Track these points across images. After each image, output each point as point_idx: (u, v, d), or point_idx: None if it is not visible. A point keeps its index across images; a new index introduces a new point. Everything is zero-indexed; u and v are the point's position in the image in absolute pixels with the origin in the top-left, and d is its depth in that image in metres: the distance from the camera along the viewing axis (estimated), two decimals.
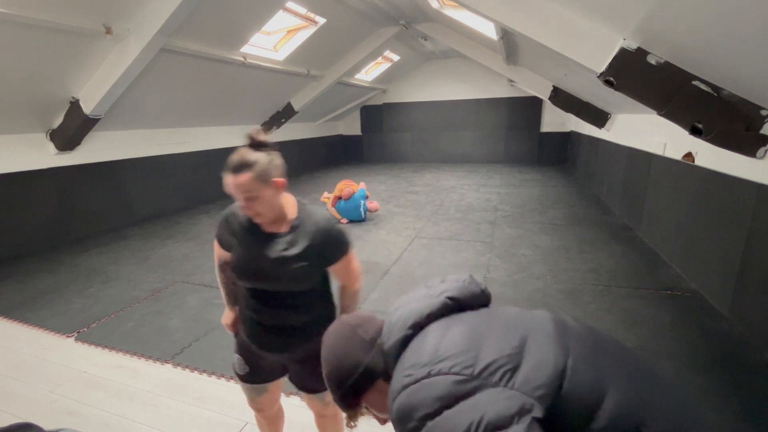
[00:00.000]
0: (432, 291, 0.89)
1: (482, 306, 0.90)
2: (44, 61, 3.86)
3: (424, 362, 0.74)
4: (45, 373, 2.46)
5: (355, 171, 10.66)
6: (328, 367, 0.89)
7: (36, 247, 4.70)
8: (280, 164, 1.26)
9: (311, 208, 1.35)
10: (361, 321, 0.93)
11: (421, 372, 0.73)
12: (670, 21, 2.20)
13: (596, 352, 0.74)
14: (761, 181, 2.58)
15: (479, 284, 0.92)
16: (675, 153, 3.88)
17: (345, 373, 0.86)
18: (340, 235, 1.34)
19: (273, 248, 1.29)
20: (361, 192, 5.56)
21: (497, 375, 0.69)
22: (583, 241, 4.52)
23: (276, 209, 1.27)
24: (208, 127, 7.23)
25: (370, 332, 0.89)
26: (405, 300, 0.91)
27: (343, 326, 0.93)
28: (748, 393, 2.12)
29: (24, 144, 4.58)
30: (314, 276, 1.33)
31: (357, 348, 0.87)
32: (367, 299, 3.29)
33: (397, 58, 9.97)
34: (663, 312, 2.96)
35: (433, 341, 0.77)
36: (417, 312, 0.84)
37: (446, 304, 0.85)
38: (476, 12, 3.30)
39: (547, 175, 9.23)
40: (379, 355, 0.86)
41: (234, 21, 4.98)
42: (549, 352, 0.71)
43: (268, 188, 1.21)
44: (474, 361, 0.71)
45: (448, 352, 0.73)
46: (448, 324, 0.81)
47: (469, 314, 0.85)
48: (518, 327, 0.78)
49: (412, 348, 0.80)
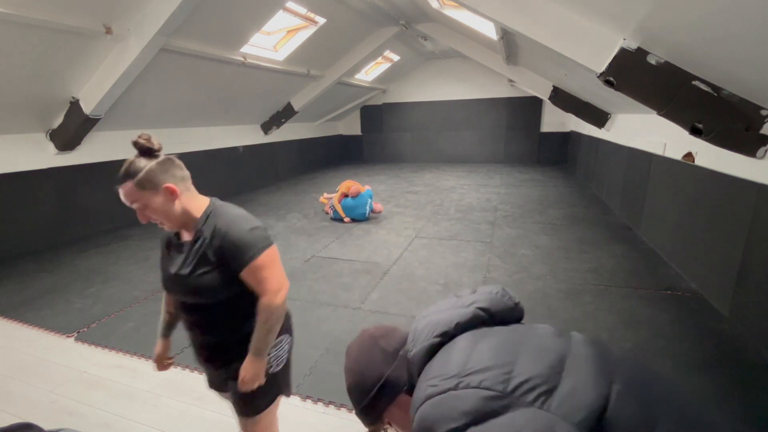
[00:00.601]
0: (462, 301, 0.86)
1: (515, 321, 0.86)
2: (44, 61, 3.86)
3: (451, 373, 0.70)
4: (45, 373, 2.46)
5: (355, 171, 10.66)
6: (350, 380, 0.86)
7: (36, 247, 4.70)
8: (174, 169, 1.17)
9: (219, 210, 1.24)
10: (384, 332, 0.90)
11: (447, 383, 0.69)
12: (670, 21, 2.20)
13: (644, 383, 0.68)
14: (761, 181, 2.58)
15: (512, 297, 0.87)
16: (675, 153, 3.88)
17: (366, 386, 0.83)
18: (243, 236, 1.19)
19: (177, 258, 1.24)
20: (369, 192, 5.64)
21: (532, 394, 0.64)
22: (583, 241, 4.52)
23: (174, 217, 1.19)
24: (208, 127, 7.23)
25: (393, 344, 0.86)
26: (433, 309, 0.88)
27: (365, 337, 0.90)
28: (748, 393, 2.12)
29: (24, 144, 4.58)
30: (220, 287, 1.20)
31: (379, 360, 0.84)
32: (367, 299, 3.29)
33: (397, 58, 9.97)
34: (663, 312, 2.96)
35: (463, 352, 0.73)
36: (446, 321, 0.81)
37: (477, 315, 0.81)
38: (476, 12, 3.30)
39: (547, 175, 9.23)
40: (402, 368, 0.82)
41: (234, 21, 4.98)
42: (590, 376, 0.66)
43: (156, 196, 1.13)
44: (507, 377, 0.66)
45: (478, 364, 0.69)
46: (478, 336, 0.77)
47: (501, 328, 0.81)
48: (555, 346, 0.73)
49: (439, 357, 0.76)
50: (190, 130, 6.86)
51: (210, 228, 1.20)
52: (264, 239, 1.23)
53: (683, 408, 0.65)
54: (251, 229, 1.21)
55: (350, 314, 3.07)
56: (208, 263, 1.19)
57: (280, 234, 5.15)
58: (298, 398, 2.17)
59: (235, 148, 7.94)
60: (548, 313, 2.99)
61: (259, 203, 6.99)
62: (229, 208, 1.26)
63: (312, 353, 2.55)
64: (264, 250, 1.21)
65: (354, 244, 4.69)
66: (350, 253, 4.37)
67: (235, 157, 7.95)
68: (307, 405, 2.14)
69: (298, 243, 4.76)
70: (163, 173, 1.14)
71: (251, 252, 1.19)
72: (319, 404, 2.13)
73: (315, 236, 5.01)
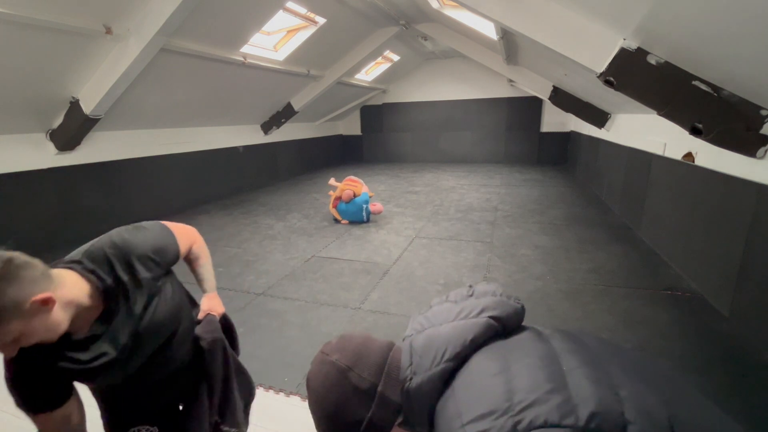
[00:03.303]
0: (466, 308, 0.71)
1: (518, 325, 0.73)
2: (44, 61, 3.86)
3: (499, 408, 0.54)
4: None
5: (355, 171, 10.65)
6: (321, 427, 0.71)
7: (36, 247, 4.68)
8: (23, 272, 0.79)
9: (92, 253, 1.00)
10: (352, 359, 0.70)
11: (500, 426, 0.53)
12: (670, 21, 2.20)
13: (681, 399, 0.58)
14: (761, 181, 2.58)
15: (513, 297, 0.74)
16: (675, 153, 3.88)
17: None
18: (143, 241, 1.07)
19: (98, 347, 0.98)
20: (364, 196, 5.49)
21: (608, 424, 0.51)
22: (583, 241, 4.52)
23: (58, 325, 0.86)
24: (208, 127, 7.23)
25: (366, 377, 0.68)
26: (426, 320, 0.72)
27: (330, 370, 0.70)
28: (748, 393, 2.12)
29: (24, 144, 4.58)
30: (178, 298, 1.18)
31: (353, 402, 0.67)
32: (367, 299, 3.29)
33: (397, 58, 9.97)
34: (663, 312, 2.96)
35: (497, 379, 0.58)
36: (456, 338, 0.65)
37: (491, 325, 0.67)
38: (476, 12, 3.30)
39: (547, 175, 9.23)
40: (385, 406, 0.67)
41: (234, 21, 4.98)
42: (654, 405, 0.54)
43: (24, 320, 0.79)
44: (571, 406, 0.52)
45: (529, 394, 0.54)
46: (499, 353, 0.63)
47: (517, 340, 0.67)
48: (596, 358, 0.62)
49: (462, 387, 0.61)
50: (190, 130, 6.86)
51: (109, 270, 0.97)
52: (150, 224, 1.13)
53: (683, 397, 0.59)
54: (133, 229, 1.07)
55: (350, 314, 3.07)
56: (152, 288, 1.01)
57: (280, 234, 5.15)
58: (299, 398, 2.17)
59: (236, 148, 7.95)
60: (548, 314, 2.99)
61: (259, 203, 6.99)
62: (93, 243, 1.04)
63: (312, 353, 2.54)
64: (160, 227, 1.14)
65: (354, 244, 4.69)
66: (350, 253, 4.37)
67: (236, 157, 7.96)
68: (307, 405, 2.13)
69: (298, 243, 4.76)
70: (17, 286, 0.77)
71: (162, 241, 1.09)
72: None
73: (315, 236, 5.01)
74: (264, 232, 5.28)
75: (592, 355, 0.63)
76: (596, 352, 0.64)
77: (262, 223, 5.72)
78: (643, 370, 0.62)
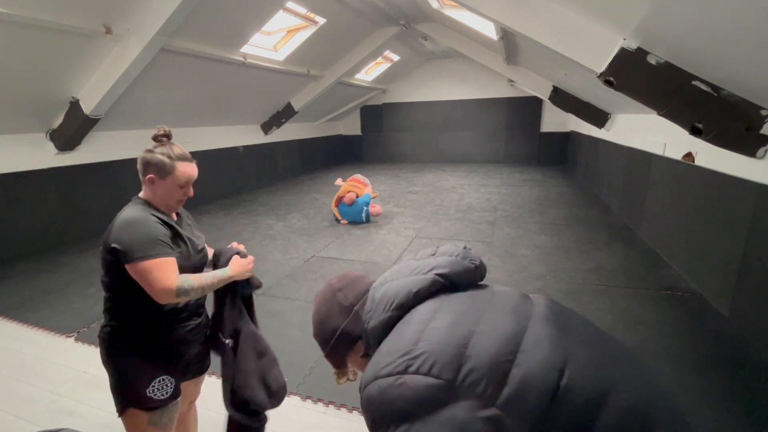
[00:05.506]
0: (421, 265, 0.83)
1: (476, 283, 0.85)
2: (44, 61, 3.86)
3: (402, 350, 0.68)
4: (45, 373, 2.46)
5: (355, 171, 10.61)
6: (314, 328, 0.93)
7: (36, 247, 4.70)
8: None
9: None
10: (345, 283, 0.93)
11: (397, 364, 0.67)
12: (670, 21, 2.20)
13: (600, 364, 0.67)
14: (761, 181, 2.58)
15: (474, 258, 0.85)
16: (675, 153, 3.88)
17: (326, 336, 0.89)
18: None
19: (190, 232, 1.51)
20: (366, 197, 5.55)
21: (480, 386, 0.61)
22: (583, 241, 4.52)
23: None
24: (208, 127, 7.23)
25: (350, 297, 0.89)
26: (391, 274, 0.86)
27: (327, 288, 0.94)
28: (748, 393, 2.12)
29: (24, 144, 4.58)
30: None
31: (336, 313, 0.89)
32: None
33: (397, 58, 9.98)
34: (663, 312, 2.96)
35: (416, 327, 0.71)
36: (404, 291, 0.78)
37: (436, 281, 0.79)
38: (476, 12, 3.30)
39: (547, 175, 9.23)
40: (356, 322, 0.86)
41: (234, 21, 4.98)
42: (546, 357, 0.64)
43: None
44: (458, 363, 0.64)
45: (430, 345, 0.67)
46: (435, 307, 0.75)
47: (460, 296, 0.79)
48: (513, 322, 0.71)
49: (396, 331, 0.74)
50: (190, 130, 6.86)
51: None
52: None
53: (637, 381, 0.66)
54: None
55: None
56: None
57: (280, 234, 5.15)
58: (298, 398, 2.17)
59: (236, 148, 7.95)
60: None
61: (259, 203, 6.99)
62: (126, 208, 1.45)
63: (312, 353, 2.55)
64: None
65: (354, 244, 4.69)
66: (350, 253, 4.37)
67: (236, 157, 7.96)
68: (307, 405, 2.14)
69: (298, 243, 4.76)
70: None
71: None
72: (319, 404, 2.13)
73: (315, 236, 5.01)
74: (264, 232, 5.28)
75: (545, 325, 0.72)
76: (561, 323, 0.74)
77: (262, 223, 5.72)
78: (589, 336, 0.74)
